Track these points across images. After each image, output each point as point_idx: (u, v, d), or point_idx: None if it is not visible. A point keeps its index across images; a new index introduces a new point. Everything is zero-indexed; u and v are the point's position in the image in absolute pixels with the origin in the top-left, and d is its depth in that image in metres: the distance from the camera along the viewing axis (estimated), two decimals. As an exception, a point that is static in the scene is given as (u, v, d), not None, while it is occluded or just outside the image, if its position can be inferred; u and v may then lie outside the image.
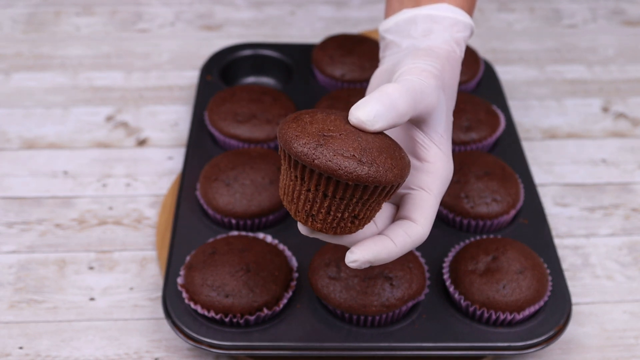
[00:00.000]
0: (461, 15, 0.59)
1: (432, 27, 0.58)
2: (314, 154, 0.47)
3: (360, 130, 0.49)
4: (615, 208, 0.83)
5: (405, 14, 0.60)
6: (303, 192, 0.49)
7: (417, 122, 0.53)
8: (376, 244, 0.51)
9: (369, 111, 0.48)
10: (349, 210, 0.50)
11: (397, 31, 0.60)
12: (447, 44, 0.58)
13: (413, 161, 0.54)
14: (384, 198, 0.50)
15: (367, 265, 0.52)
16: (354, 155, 0.47)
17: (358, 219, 0.51)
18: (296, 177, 0.49)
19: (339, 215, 0.50)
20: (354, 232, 0.52)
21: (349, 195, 0.49)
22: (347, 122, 0.49)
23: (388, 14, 0.63)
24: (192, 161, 0.80)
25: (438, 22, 0.58)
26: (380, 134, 0.50)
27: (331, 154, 0.47)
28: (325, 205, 0.49)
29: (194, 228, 0.73)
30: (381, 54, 0.62)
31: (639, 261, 0.77)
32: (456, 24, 0.59)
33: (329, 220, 0.50)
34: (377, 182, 0.48)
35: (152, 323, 0.70)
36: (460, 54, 0.59)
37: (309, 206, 0.50)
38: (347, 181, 0.47)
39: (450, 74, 0.56)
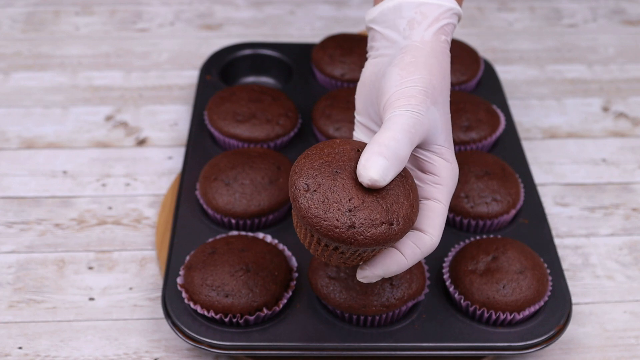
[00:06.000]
0: (447, 2, 0.58)
1: (418, 16, 0.57)
2: (349, 234, 0.49)
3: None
4: (615, 208, 0.83)
5: (390, 2, 0.58)
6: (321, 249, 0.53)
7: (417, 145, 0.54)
8: (385, 259, 0.52)
9: (378, 169, 0.48)
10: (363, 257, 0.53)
11: (382, 21, 0.58)
12: (434, 34, 0.56)
13: (418, 174, 0.54)
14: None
15: (378, 279, 0.53)
16: (383, 222, 0.49)
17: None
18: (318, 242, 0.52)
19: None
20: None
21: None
22: (353, 175, 0.51)
23: (376, 0, 0.61)
24: (191, 161, 0.80)
25: (424, 10, 0.57)
26: None
27: (366, 232, 0.49)
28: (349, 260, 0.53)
29: (193, 228, 0.73)
30: (369, 44, 0.61)
31: (639, 261, 0.77)
32: (444, 12, 0.57)
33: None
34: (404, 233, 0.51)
35: (152, 323, 0.70)
36: (447, 41, 0.58)
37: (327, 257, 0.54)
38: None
39: (438, 69, 0.55)
